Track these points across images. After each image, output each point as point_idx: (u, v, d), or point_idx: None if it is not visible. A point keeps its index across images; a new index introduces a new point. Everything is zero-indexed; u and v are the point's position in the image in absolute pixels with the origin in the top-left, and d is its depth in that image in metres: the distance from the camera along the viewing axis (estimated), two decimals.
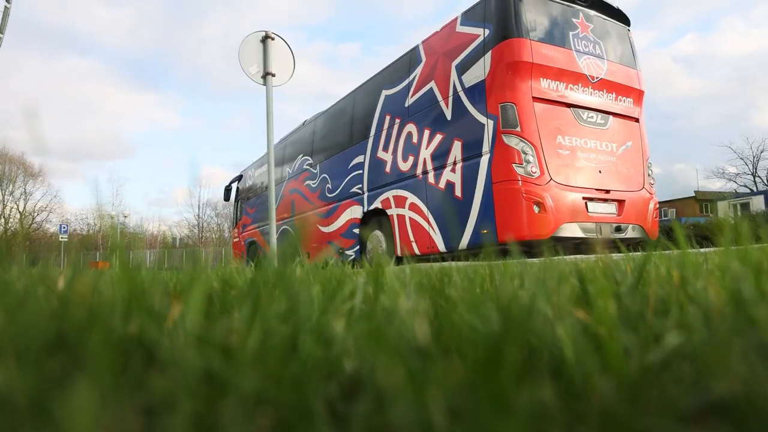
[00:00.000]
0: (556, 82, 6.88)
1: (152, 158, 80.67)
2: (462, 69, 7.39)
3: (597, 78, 7.25)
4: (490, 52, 6.90)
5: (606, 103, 7.35)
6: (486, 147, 6.74)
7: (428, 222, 7.69)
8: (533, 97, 6.61)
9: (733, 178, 44.74)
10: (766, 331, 0.55)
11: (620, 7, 7.96)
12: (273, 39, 7.38)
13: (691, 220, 27.39)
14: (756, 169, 43.73)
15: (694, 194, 48.76)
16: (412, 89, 8.47)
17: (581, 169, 6.84)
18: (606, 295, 0.64)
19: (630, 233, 7.10)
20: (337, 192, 10.27)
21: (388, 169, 8.76)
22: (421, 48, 8.47)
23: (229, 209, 58.34)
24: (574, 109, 7.01)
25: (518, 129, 6.46)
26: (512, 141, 6.45)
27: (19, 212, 50.56)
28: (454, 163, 7.29)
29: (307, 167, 11.64)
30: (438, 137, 7.71)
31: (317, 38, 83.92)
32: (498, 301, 0.70)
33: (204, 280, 0.62)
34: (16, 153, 50.91)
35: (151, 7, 70.44)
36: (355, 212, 9.53)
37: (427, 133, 7.94)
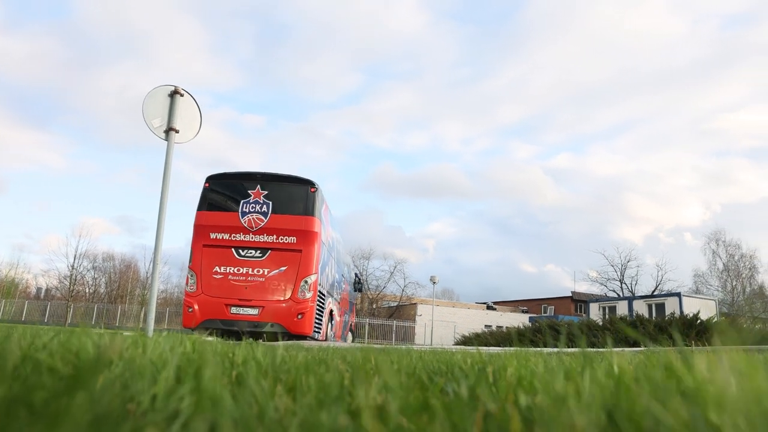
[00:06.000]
0: (222, 234, 10.99)
1: (25, 199, 72.35)
2: None
3: (257, 227, 10.97)
4: None
5: (267, 243, 10.95)
6: None
7: None
8: (203, 245, 10.98)
9: (604, 283, 49.23)
10: None
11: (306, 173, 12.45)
12: (182, 95, 7.14)
13: (566, 318, 29.44)
14: (623, 276, 48.60)
15: (571, 294, 52.97)
16: None
17: (229, 286, 10.69)
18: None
19: (268, 328, 10.42)
20: None
21: None
22: None
23: (110, 263, 52.93)
24: (235, 248, 10.92)
25: (191, 264, 11.02)
26: (189, 271, 11.00)
27: None
28: None
29: None
30: None
31: (224, 105, 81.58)
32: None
33: None
34: None
35: (49, 44, 65.73)
36: None
37: None
